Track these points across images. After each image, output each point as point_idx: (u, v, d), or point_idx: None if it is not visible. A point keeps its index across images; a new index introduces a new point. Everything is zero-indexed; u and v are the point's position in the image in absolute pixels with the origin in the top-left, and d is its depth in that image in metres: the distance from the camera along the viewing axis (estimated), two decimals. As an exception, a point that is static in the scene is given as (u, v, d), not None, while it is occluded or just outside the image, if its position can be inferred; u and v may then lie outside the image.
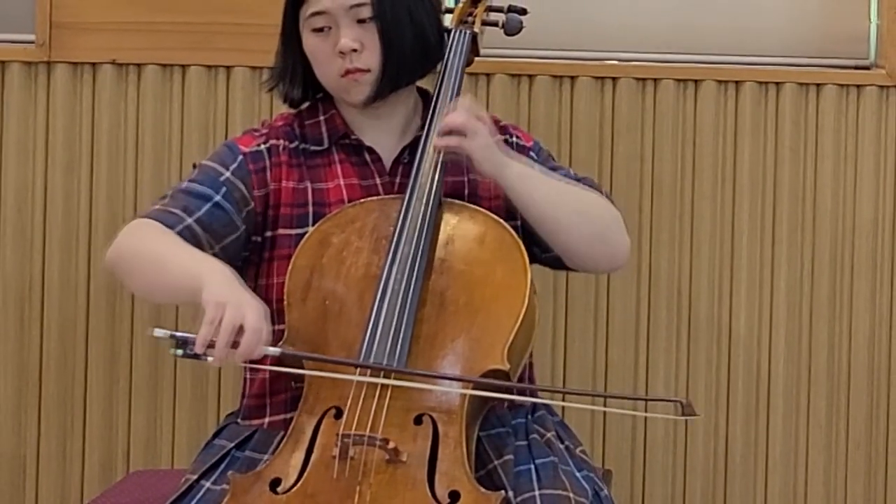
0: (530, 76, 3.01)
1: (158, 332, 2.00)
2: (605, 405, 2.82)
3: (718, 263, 3.06)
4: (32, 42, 3.00)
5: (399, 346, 2.05)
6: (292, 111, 2.33)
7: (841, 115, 3.06)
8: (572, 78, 3.02)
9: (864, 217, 3.06)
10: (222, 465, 2.17)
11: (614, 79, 3.04)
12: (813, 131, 3.06)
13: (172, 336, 1.99)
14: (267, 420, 2.22)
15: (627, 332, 3.05)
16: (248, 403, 2.26)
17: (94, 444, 3.02)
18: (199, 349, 1.97)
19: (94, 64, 3.01)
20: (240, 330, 1.96)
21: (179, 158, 3.02)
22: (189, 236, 2.14)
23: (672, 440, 3.06)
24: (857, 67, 3.10)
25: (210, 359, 1.97)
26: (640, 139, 3.04)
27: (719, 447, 3.07)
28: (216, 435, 2.26)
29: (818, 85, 3.05)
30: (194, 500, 2.13)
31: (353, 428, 1.99)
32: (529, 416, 2.24)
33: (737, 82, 3.05)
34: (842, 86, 3.05)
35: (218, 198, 2.19)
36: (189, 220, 2.15)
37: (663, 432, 3.06)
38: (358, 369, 2.04)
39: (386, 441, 1.97)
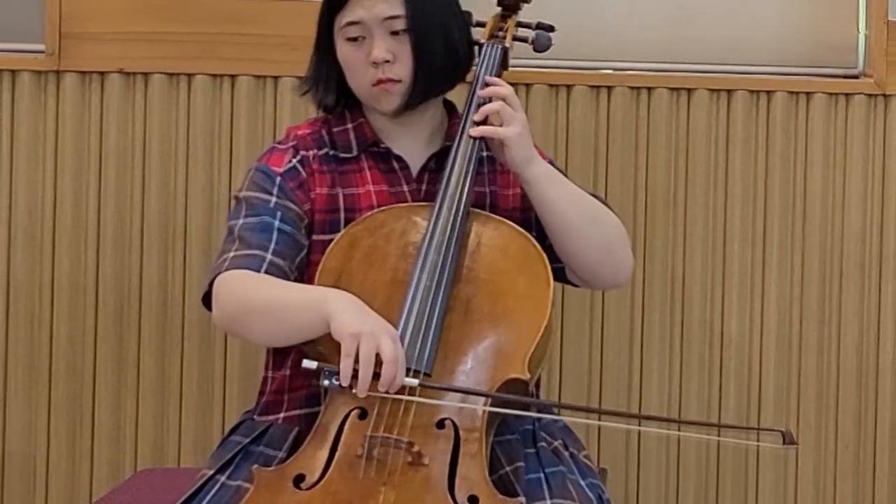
0: (527, 85, 3.02)
1: (308, 364, 2.00)
2: (718, 434, 2.81)
3: (711, 268, 3.07)
4: (42, 52, 3.01)
5: (427, 351, 2.07)
6: (318, 118, 2.34)
7: (830, 124, 3.07)
8: (568, 87, 3.03)
9: (852, 223, 3.08)
10: (237, 460, 2.18)
11: (609, 87, 3.05)
12: (803, 139, 3.07)
13: (320, 368, 1.99)
14: (282, 415, 2.23)
15: (622, 336, 3.06)
16: (266, 400, 2.26)
17: (103, 443, 3.03)
18: (344, 382, 1.97)
19: (102, 73, 3.01)
20: (377, 358, 1.97)
21: (185, 165, 3.02)
22: (276, 271, 2.15)
23: (666, 440, 3.07)
24: (845, 77, 3.11)
25: (355, 390, 1.98)
26: (634, 146, 3.06)
27: (712, 447, 3.08)
28: (232, 432, 2.27)
29: (808, 94, 3.07)
30: (209, 495, 2.15)
31: (381, 430, 2.00)
32: (536, 423, 2.25)
33: (729, 91, 3.06)
34: (831, 94, 3.07)
35: (278, 223, 2.19)
36: (269, 256, 2.15)
37: (656, 432, 3.04)
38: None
39: (411, 444, 1.99)
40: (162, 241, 3.03)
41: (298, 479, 2.01)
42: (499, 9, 2.42)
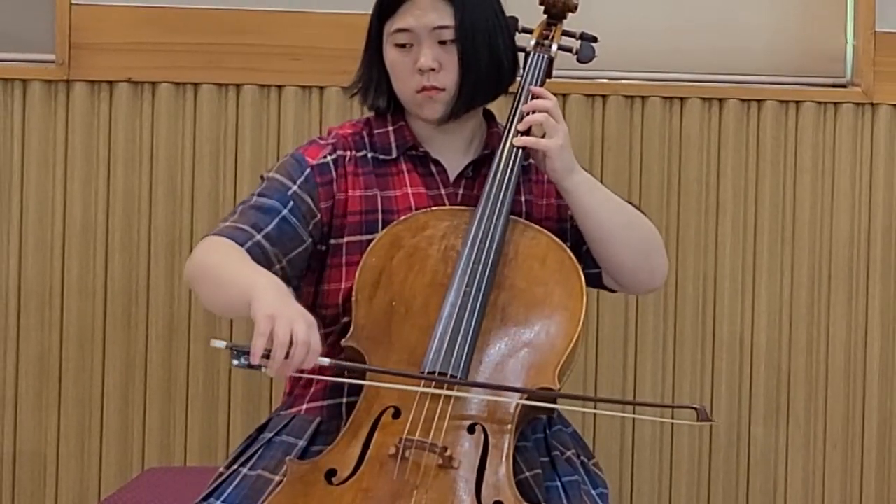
0: (524, 94, 3.09)
1: (216, 343, 1.97)
2: (633, 412, 2.90)
3: (703, 271, 3.11)
4: (52, 62, 3.05)
5: (464, 357, 2.07)
6: (361, 119, 2.35)
7: (819, 131, 3.12)
8: (564, 95, 3.07)
9: (841, 228, 3.12)
10: (258, 451, 2.18)
11: (604, 96, 3.10)
12: (792, 146, 3.12)
13: (229, 347, 1.96)
14: (305, 406, 2.23)
15: (616, 337, 3.10)
16: (295, 393, 2.27)
17: (111, 442, 3.05)
18: (254, 360, 1.94)
19: (110, 82, 3.05)
20: (291, 342, 1.95)
21: (192, 172, 3.06)
22: (258, 252, 2.14)
23: (659, 439, 3.11)
24: (834, 86, 3.16)
25: (265, 369, 1.95)
26: (628, 154, 3.10)
27: (703, 446, 3.12)
28: (261, 430, 2.25)
29: (797, 102, 3.12)
30: (231, 486, 2.15)
31: (416, 432, 2.00)
32: (547, 431, 2.25)
33: (720, 100, 3.11)
34: (820, 103, 3.12)
35: (285, 212, 2.19)
36: (258, 237, 2.15)
37: (650, 431, 3.11)
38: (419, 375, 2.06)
39: (445, 449, 1.99)
40: (169, 245, 3.07)
41: (330, 474, 2.01)
42: (545, 16, 2.42)
